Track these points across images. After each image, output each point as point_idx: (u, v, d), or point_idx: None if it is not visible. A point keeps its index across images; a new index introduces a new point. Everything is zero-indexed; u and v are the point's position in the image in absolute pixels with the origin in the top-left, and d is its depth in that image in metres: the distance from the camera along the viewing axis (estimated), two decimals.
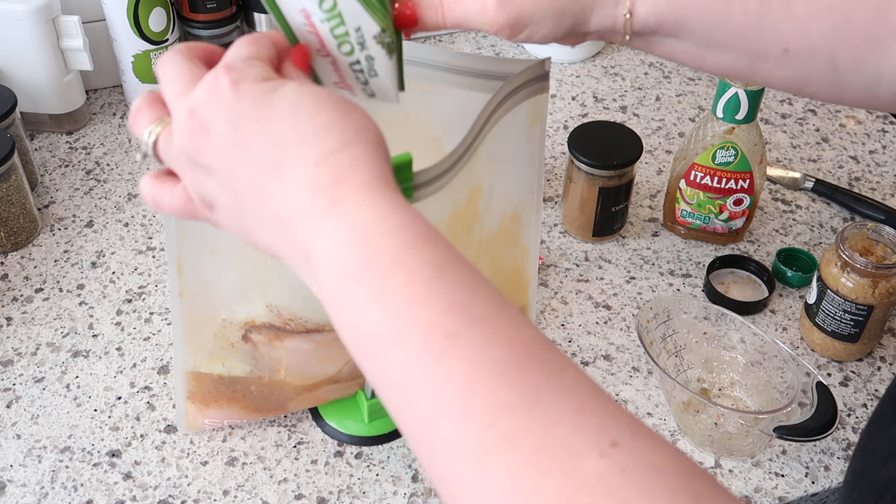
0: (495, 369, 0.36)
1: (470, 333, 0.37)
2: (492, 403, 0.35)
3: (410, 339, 0.37)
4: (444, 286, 0.38)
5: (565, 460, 0.33)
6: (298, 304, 0.63)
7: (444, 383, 0.36)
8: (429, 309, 0.38)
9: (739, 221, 0.89)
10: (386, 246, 0.39)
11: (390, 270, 0.39)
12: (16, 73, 0.97)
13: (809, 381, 0.69)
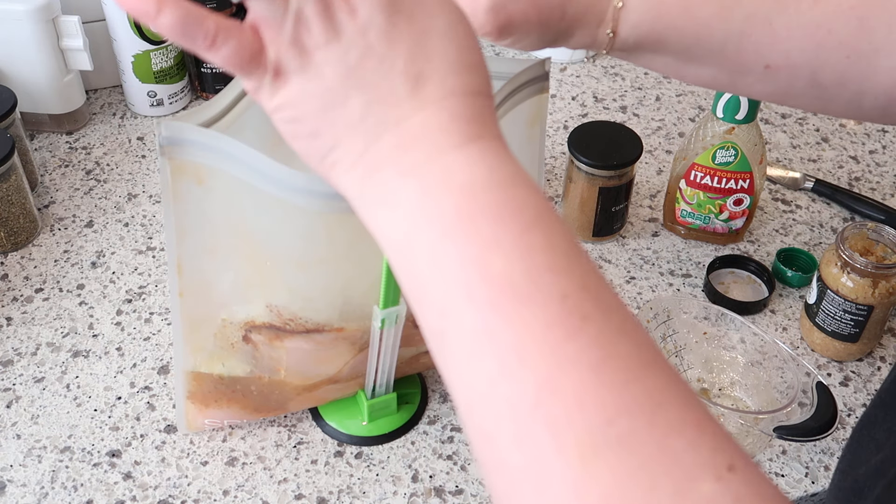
0: (622, 363, 0.34)
1: (602, 319, 0.35)
2: (614, 400, 0.32)
3: (543, 304, 0.35)
4: (579, 263, 0.37)
5: (680, 477, 0.31)
6: (298, 304, 0.63)
7: (569, 364, 0.33)
8: (566, 282, 0.35)
9: (739, 221, 0.89)
10: (527, 199, 0.38)
11: (532, 226, 0.37)
12: (16, 73, 0.97)
13: (809, 381, 0.69)
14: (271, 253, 0.61)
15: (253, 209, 0.58)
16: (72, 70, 1.00)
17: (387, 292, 0.62)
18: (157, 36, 1.01)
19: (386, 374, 0.71)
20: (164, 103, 1.05)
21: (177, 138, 0.55)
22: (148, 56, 1.01)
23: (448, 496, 0.69)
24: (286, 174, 0.54)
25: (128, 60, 1.01)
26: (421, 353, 0.72)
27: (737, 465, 0.31)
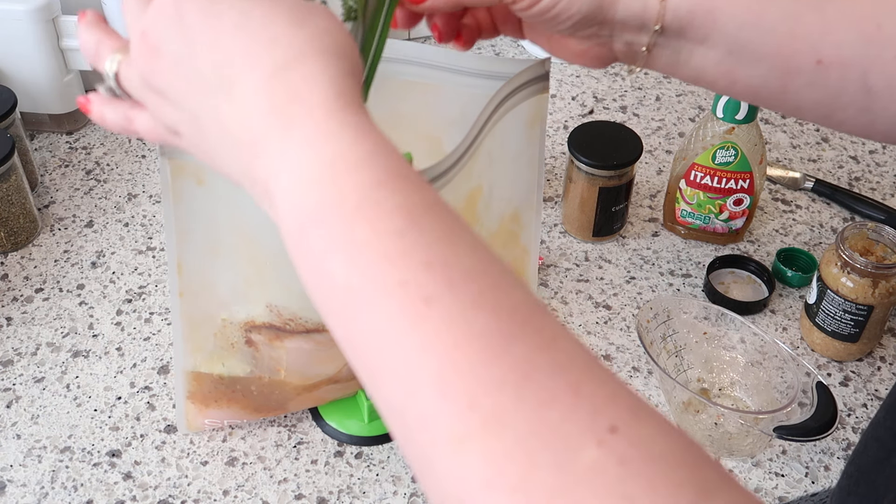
0: (479, 341, 0.32)
1: (450, 296, 0.32)
2: (474, 382, 0.31)
3: (382, 300, 0.33)
4: (420, 238, 0.34)
5: (558, 449, 0.29)
6: (298, 304, 0.63)
7: (419, 355, 0.32)
8: (402, 266, 0.33)
9: (739, 221, 0.89)
10: (353, 185, 0.35)
11: (357, 216, 0.35)
12: (16, 73, 0.97)
13: (809, 381, 0.69)
14: (271, 253, 0.61)
15: (253, 209, 0.58)
16: (72, 70, 1.00)
17: None
18: None
19: None
20: None
21: None
22: None
23: None
24: None
25: None
26: None
27: (621, 424, 0.30)
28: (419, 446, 0.32)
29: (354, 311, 0.34)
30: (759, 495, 0.70)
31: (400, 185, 0.35)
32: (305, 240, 0.36)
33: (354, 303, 0.34)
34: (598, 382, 0.31)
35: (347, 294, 0.35)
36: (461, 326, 0.32)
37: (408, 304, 0.33)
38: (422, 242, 0.34)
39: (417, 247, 0.34)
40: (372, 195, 0.35)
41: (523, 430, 0.30)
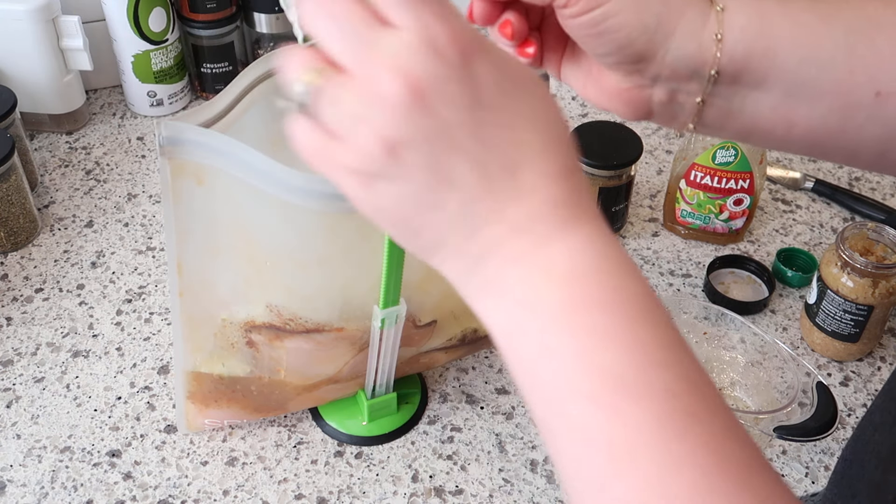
0: (732, 467, 0.33)
1: (709, 417, 0.35)
2: None
3: (652, 400, 0.35)
4: (685, 356, 0.36)
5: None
6: (298, 304, 0.63)
7: (680, 466, 0.33)
8: (669, 376, 0.35)
9: (739, 221, 0.89)
10: (634, 289, 0.38)
11: (640, 317, 0.37)
12: (16, 73, 0.97)
13: (809, 381, 0.69)
14: (271, 253, 0.61)
15: (253, 209, 0.58)
16: (72, 70, 1.00)
17: (387, 292, 0.62)
18: (158, 36, 1.01)
19: (386, 374, 0.71)
20: (164, 103, 1.05)
21: (177, 138, 0.55)
22: (148, 56, 1.01)
23: (448, 496, 0.69)
24: (286, 174, 0.54)
25: (128, 60, 1.01)
26: (421, 353, 0.72)
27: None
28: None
29: (624, 403, 0.35)
30: None
31: (660, 304, 0.38)
32: (574, 316, 0.37)
33: (624, 393, 0.35)
34: None
35: (611, 381, 0.35)
36: (717, 450, 0.34)
37: (675, 414, 0.34)
38: (685, 361, 0.36)
39: (682, 363, 0.36)
40: (648, 304, 0.37)
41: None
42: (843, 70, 0.49)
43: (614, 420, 0.35)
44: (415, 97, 0.36)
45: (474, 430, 0.74)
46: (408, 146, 0.37)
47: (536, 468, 0.71)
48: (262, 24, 1.05)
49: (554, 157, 0.39)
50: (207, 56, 1.05)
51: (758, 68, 0.49)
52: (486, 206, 0.38)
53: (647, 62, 0.50)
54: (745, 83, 0.50)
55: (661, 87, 0.51)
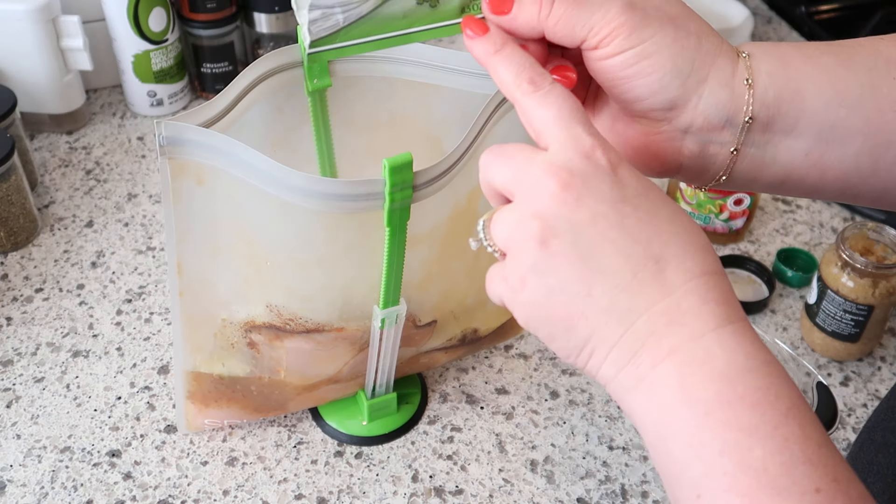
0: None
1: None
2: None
3: (799, 498, 0.37)
4: (831, 454, 0.38)
5: None
6: (298, 304, 0.63)
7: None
8: (819, 474, 0.37)
9: (740, 221, 0.89)
10: (782, 387, 0.39)
11: (788, 415, 0.39)
12: (16, 73, 0.97)
13: (810, 381, 0.69)
14: (271, 253, 0.61)
15: (253, 209, 0.58)
16: (72, 70, 1.00)
17: (387, 292, 0.62)
18: (158, 35, 1.01)
19: (386, 374, 0.71)
20: (164, 103, 1.05)
21: (177, 138, 0.55)
22: (148, 56, 1.01)
23: (448, 496, 0.69)
24: (286, 174, 0.54)
25: (128, 60, 1.01)
26: (421, 353, 0.72)
27: None
28: None
29: (770, 498, 0.37)
30: None
31: (804, 401, 0.40)
32: (725, 410, 0.39)
33: (771, 490, 0.37)
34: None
35: (765, 479, 0.37)
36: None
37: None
38: (831, 458, 0.38)
39: (828, 461, 0.38)
40: (797, 402, 0.39)
41: None
42: (872, 109, 0.49)
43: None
44: (566, 190, 0.41)
45: (474, 430, 0.74)
46: (558, 236, 0.41)
47: (536, 468, 0.71)
48: (262, 24, 1.05)
49: (698, 256, 0.42)
50: (207, 56, 1.05)
51: (788, 112, 0.49)
52: (636, 297, 0.41)
53: (679, 110, 0.49)
54: (777, 130, 0.50)
55: (692, 138, 0.50)
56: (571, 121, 0.43)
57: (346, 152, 0.71)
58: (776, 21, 1.27)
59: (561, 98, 0.43)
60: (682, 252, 0.42)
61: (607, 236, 0.41)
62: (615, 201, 0.41)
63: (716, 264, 0.43)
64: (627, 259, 0.41)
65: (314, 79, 0.65)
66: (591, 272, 0.41)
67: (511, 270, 0.43)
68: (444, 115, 0.68)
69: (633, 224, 0.41)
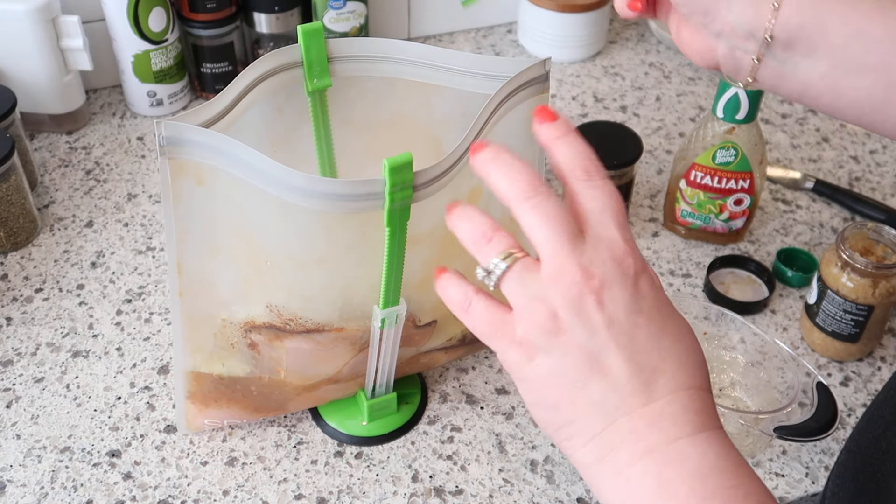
0: None
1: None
2: None
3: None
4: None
5: None
6: (298, 304, 0.63)
7: None
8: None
9: (740, 221, 0.89)
10: (751, 486, 0.44)
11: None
12: (16, 73, 0.97)
13: (810, 381, 0.69)
14: (271, 253, 0.61)
15: (253, 209, 0.58)
16: (72, 70, 1.00)
17: (387, 292, 0.62)
18: (158, 35, 1.01)
19: (386, 374, 0.71)
20: (164, 103, 1.05)
21: (177, 138, 0.55)
22: (148, 56, 1.01)
23: (448, 496, 0.69)
24: (286, 174, 0.54)
25: (128, 60, 1.01)
26: (421, 353, 0.72)
27: None
28: None
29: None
30: None
31: None
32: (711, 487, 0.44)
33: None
34: None
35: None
36: None
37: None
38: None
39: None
40: (767, 501, 0.44)
41: None
42: (889, 54, 0.54)
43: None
44: (591, 290, 0.44)
45: (474, 430, 0.74)
46: (573, 327, 0.44)
47: (536, 468, 0.71)
48: (262, 24, 1.05)
49: (690, 372, 0.46)
50: (207, 56, 1.05)
51: (809, 39, 0.55)
52: (625, 399, 0.45)
53: (712, 16, 0.57)
54: (797, 51, 0.56)
55: (723, 41, 0.58)
56: (613, 221, 0.46)
57: (346, 152, 0.71)
58: None
59: (608, 195, 0.47)
60: (677, 367, 0.46)
61: (618, 342, 0.45)
62: (631, 312, 0.45)
63: (704, 381, 0.47)
64: (628, 366, 0.45)
65: (314, 79, 0.65)
66: (594, 369, 0.45)
67: (522, 334, 0.46)
68: (444, 115, 0.68)
69: (643, 336, 0.45)
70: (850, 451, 0.61)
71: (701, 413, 0.45)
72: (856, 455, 0.60)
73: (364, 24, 1.09)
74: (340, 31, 1.07)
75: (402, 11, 1.17)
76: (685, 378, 0.46)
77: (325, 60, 0.65)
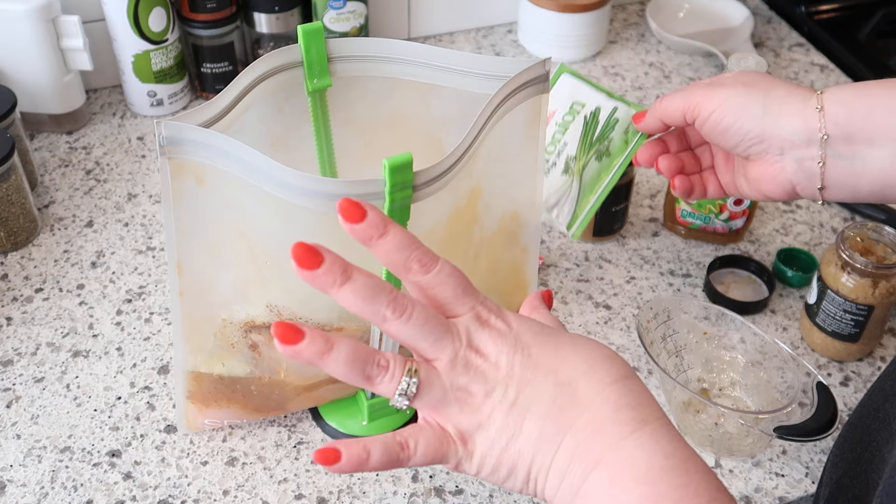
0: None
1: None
2: None
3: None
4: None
5: None
6: (298, 304, 0.63)
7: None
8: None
9: (740, 221, 0.89)
10: (701, 482, 0.44)
11: None
12: (16, 73, 0.97)
13: (809, 381, 0.69)
14: (271, 253, 0.61)
15: (253, 209, 0.58)
16: (72, 70, 1.00)
17: None
18: (158, 35, 1.01)
19: None
20: (164, 103, 1.05)
21: (177, 138, 0.55)
22: (148, 56, 1.01)
23: (448, 496, 0.69)
24: (286, 174, 0.54)
25: (128, 60, 1.01)
26: None
27: None
28: None
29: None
30: (759, 495, 0.70)
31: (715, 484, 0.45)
32: None
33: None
34: None
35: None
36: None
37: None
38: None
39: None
40: (719, 497, 0.44)
41: None
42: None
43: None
44: (479, 355, 0.46)
45: None
46: (485, 393, 0.46)
47: None
48: (262, 24, 1.05)
49: (605, 367, 0.47)
50: (207, 56, 1.05)
51: (864, 128, 0.60)
52: (559, 420, 0.45)
53: (768, 141, 0.64)
54: (858, 142, 0.60)
55: (788, 157, 0.64)
56: (465, 295, 0.47)
57: (346, 152, 0.71)
58: (776, 21, 1.27)
59: (449, 275, 0.47)
60: (589, 368, 0.46)
61: (524, 378, 0.46)
62: (518, 348, 0.47)
63: (624, 369, 0.47)
64: (544, 391, 0.46)
65: (314, 79, 0.65)
66: (520, 413, 0.46)
67: (458, 432, 0.47)
68: (444, 115, 0.68)
69: (543, 361, 0.46)
70: (851, 422, 0.62)
71: (636, 407, 0.45)
72: (856, 426, 0.60)
73: (364, 24, 1.09)
74: (340, 31, 1.08)
75: (402, 11, 1.17)
76: (604, 374, 0.46)
77: (325, 60, 0.65)
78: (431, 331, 0.46)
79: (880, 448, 0.56)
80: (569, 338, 0.48)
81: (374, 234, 0.45)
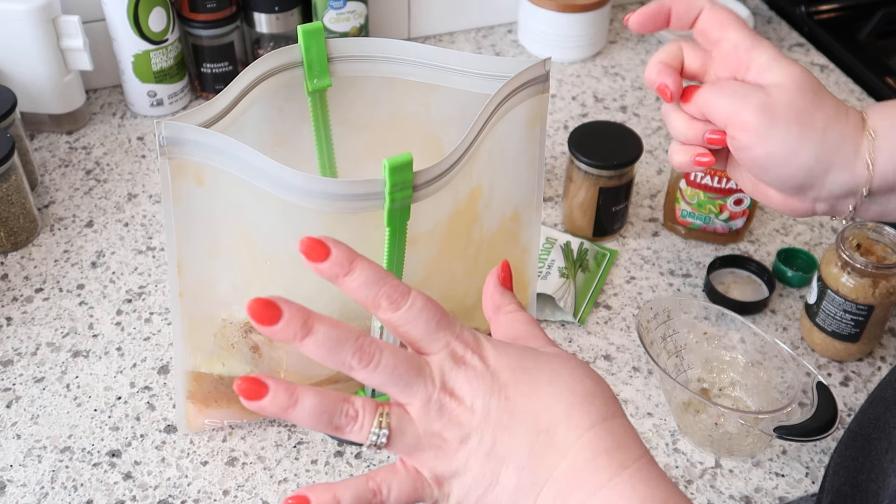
0: None
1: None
2: None
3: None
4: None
5: None
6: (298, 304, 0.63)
7: None
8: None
9: (740, 221, 0.89)
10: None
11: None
12: (16, 73, 0.97)
13: (810, 381, 0.69)
14: (271, 253, 0.61)
15: (253, 209, 0.58)
16: (72, 70, 1.00)
17: None
18: (158, 35, 1.01)
19: None
20: (164, 103, 1.05)
21: (177, 138, 0.55)
22: (148, 56, 1.01)
23: None
24: (286, 174, 0.54)
25: (128, 60, 1.01)
26: None
27: None
28: None
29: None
30: (759, 495, 0.70)
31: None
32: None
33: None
34: None
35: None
36: None
37: None
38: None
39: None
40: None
41: None
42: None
43: None
44: (453, 399, 0.44)
45: None
46: (460, 439, 0.44)
47: None
48: (262, 24, 1.05)
49: (584, 408, 0.44)
50: (207, 56, 1.05)
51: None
52: (536, 470, 0.44)
53: (807, 192, 0.59)
54: None
55: (822, 203, 0.60)
56: (439, 329, 0.45)
57: (346, 152, 0.71)
58: (776, 21, 1.27)
59: (422, 309, 0.45)
60: (567, 410, 0.44)
61: (501, 424, 0.44)
62: (494, 391, 0.44)
63: (603, 408, 0.45)
64: (521, 438, 0.44)
65: (314, 79, 0.65)
66: (496, 462, 0.44)
67: (434, 476, 0.45)
68: (444, 115, 0.68)
69: (520, 404, 0.44)
70: (851, 430, 0.61)
71: (614, 451, 0.44)
72: (857, 434, 0.60)
73: (364, 24, 1.09)
74: (340, 31, 1.08)
75: (402, 11, 1.17)
76: (582, 417, 0.44)
77: (325, 60, 0.65)
78: (402, 376, 0.43)
79: (880, 458, 0.56)
80: (547, 369, 0.46)
81: (339, 272, 0.44)
